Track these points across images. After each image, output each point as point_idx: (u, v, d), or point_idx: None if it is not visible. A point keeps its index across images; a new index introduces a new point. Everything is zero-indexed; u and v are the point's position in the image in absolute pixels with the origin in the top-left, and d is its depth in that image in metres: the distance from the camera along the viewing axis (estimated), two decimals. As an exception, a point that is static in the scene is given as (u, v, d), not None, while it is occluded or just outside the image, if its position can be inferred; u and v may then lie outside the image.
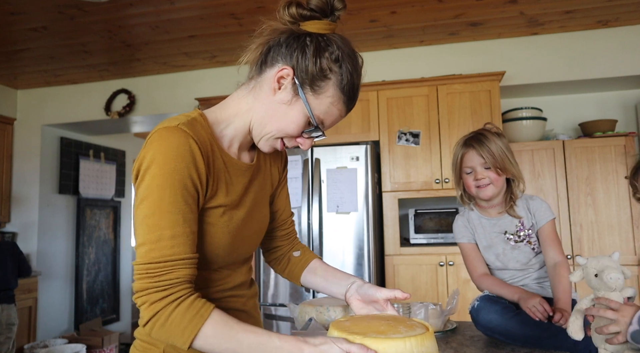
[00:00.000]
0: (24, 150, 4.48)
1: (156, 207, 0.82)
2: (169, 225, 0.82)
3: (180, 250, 0.83)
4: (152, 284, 0.81)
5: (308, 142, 0.97)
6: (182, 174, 0.84)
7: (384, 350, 0.75)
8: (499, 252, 1.61)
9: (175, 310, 0.80)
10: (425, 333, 0.79)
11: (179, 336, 0.80)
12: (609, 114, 3.62)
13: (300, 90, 0.91)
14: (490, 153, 1.56)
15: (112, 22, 3.17)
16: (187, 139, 0.86)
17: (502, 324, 1.39)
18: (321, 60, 0.91)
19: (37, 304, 4.22)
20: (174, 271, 0.82)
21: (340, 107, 0.94)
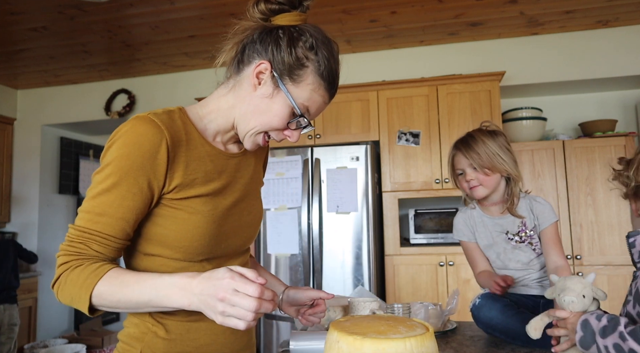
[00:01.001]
0: (24, 150, 4.49)
1: (100, 183, 0.86)
2: (101, 204, 0.85)
3: (101, 228, 0.85)
4: (65, 248, 0.86)
5: (295, 134, 0.96)
6: (134, 161, 0.85)
7: (383, 350, 0.75)
8: (500, 251, 1.62)
9: (73, 271, 0.83)
10: (425, 334, 0.79)
11: (77, 298, 0.83)
12: (609, 114, 3.62)
13: (280, 81, 0.91)
14: (476, 154, 1.58)
15: (112, 22, 3.17)
16: (153, 130, 0.87)
17: (503, 322, 1.40)
18: (296, 49, 0.91)
19: (37, 304, 4.22)
20: (86, 243, 0.85)
21: (322, 93, 0.94)
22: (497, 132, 1.63)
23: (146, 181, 0.87)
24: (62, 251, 0.86)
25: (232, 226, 1.00)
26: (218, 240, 0.96)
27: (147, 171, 0.86)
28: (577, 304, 1.03)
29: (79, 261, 0.84)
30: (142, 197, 0.87)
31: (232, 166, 1.02)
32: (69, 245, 0.85)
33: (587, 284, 1.06)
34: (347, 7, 3.01)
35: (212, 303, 0.76)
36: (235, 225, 1.01)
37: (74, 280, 0.83)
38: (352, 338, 0.77)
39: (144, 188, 0.87)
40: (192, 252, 0.93)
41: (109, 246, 0.86)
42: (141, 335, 0.94)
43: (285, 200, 3.19)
